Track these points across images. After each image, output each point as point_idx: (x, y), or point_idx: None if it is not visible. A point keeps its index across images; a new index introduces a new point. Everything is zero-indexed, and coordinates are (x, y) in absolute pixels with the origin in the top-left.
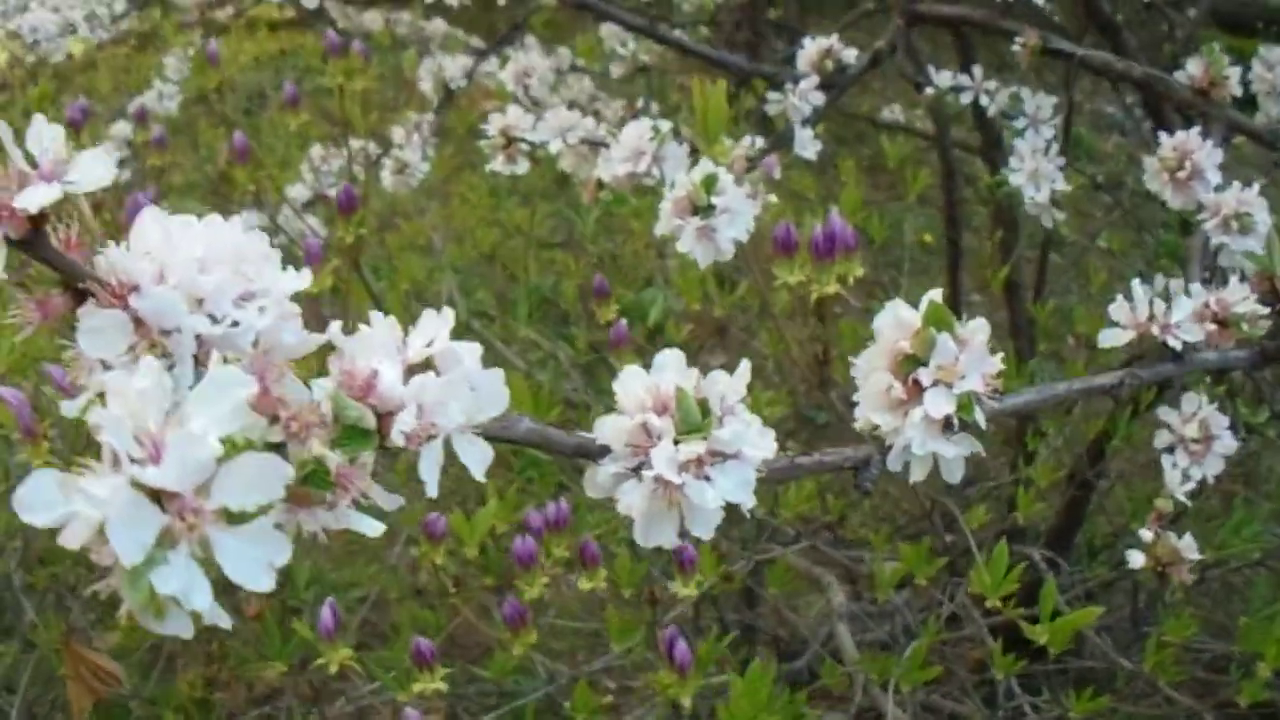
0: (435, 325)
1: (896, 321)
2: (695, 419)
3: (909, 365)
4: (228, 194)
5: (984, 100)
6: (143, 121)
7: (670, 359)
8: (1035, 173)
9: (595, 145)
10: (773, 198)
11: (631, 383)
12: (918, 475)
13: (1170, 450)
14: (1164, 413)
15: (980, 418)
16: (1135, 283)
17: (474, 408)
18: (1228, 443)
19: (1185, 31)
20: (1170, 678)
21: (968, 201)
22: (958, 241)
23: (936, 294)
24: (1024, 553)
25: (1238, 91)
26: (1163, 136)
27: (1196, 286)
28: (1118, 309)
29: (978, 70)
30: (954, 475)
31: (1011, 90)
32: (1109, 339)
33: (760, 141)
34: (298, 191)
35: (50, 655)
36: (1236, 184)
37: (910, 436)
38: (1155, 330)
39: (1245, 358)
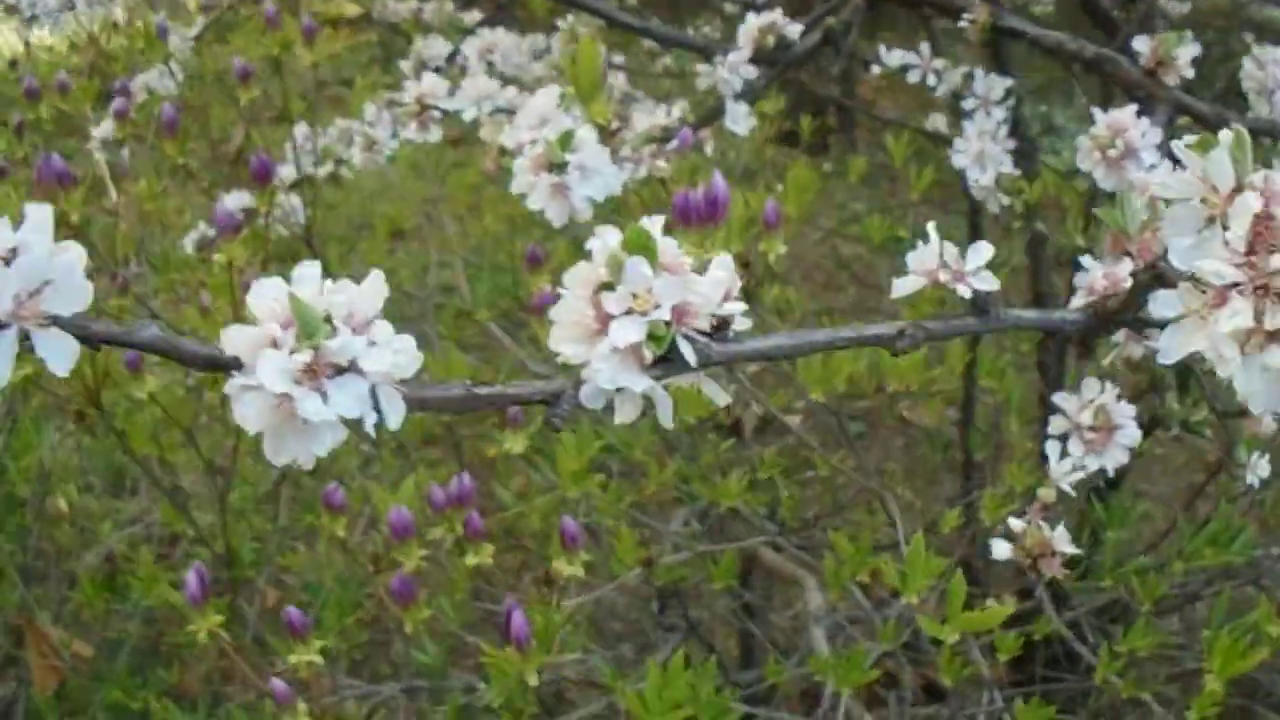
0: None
1: (603, 248)
2: (315, 330)
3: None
4: (236, 176)
5: (931, 80)
6: (126, 95)
7: (307, 271)
8: (981, 154)
9: (513, 115)
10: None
11: (265, 293)
12: (623, 415)
13: (1065, 438)
14: (1060, 398)
15: (688, 353)
16: (931, 225)
17: (52, 300)
18: (1131, 434)
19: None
20: (1130, 691)
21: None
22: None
23: (651, 220)
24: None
25: (1189, 73)
26: (1096, 113)
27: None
28: (916, 255)
29: (925, 47)
30: (666, 419)
31: (964, 70)
32: (901, 287)
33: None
34: (287, 171)
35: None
36: (1167, 163)
37: (598, 369)
38: (945, 278)
39: (1076, 320)
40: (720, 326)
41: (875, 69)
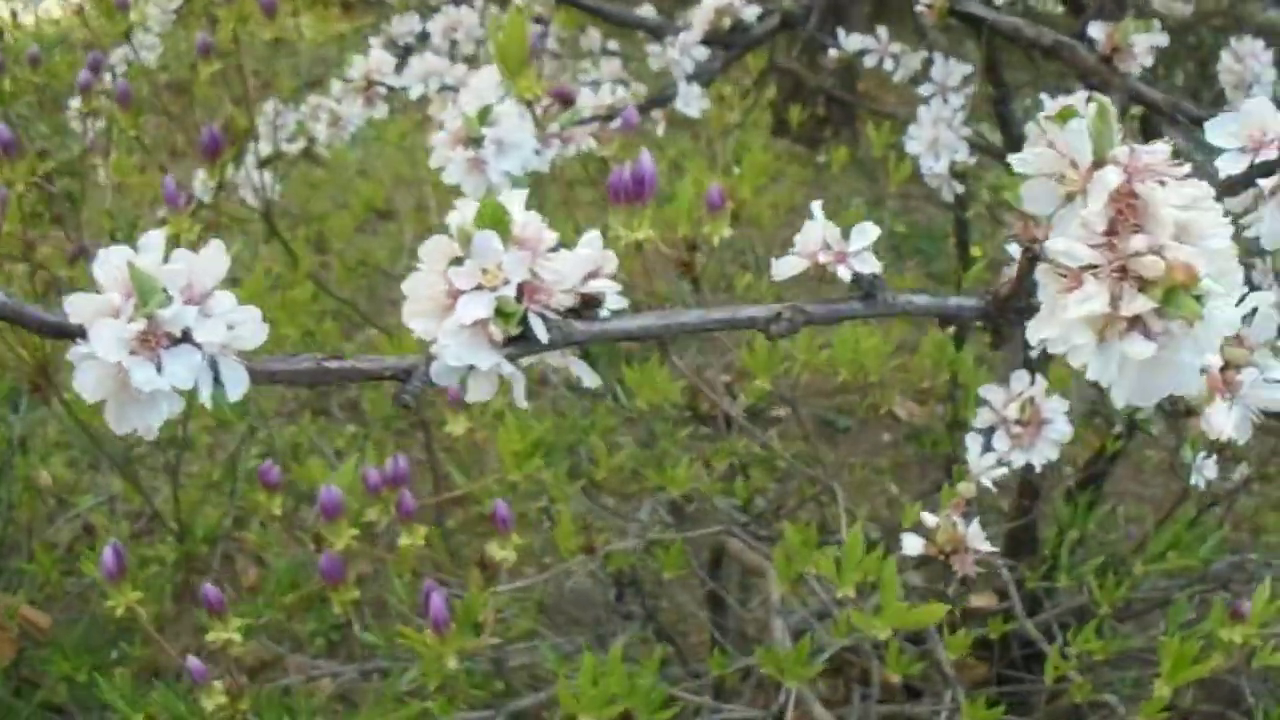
0: None
1: (462, 221)
2: (150, 299)
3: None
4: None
5: (888, 65)
6: (95, 70)
7: (152, 239)
8: (935, 141)
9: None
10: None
11: (110, 262)
12: (475, 394)
13: (990, 431)
14: (987, 390)
15: (540, 331)
16: (816, 205)
17: None
18: (1061, 429)
19: None
20: (1087, 694)
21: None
22: (967, 243)
23: (513, 195)
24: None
25: (1148, 61)
26: (1045, 99)
27: None
28: (801, 235)
29: (883, 31)
30: (519, 398)
31: (922, 55)
32: (781, 268)
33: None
34: (261, 148)
35: None
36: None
37: (445, 345)
38: (825, 259)
39: (972, 307)
40: (590, 305)
41: (832, 52)
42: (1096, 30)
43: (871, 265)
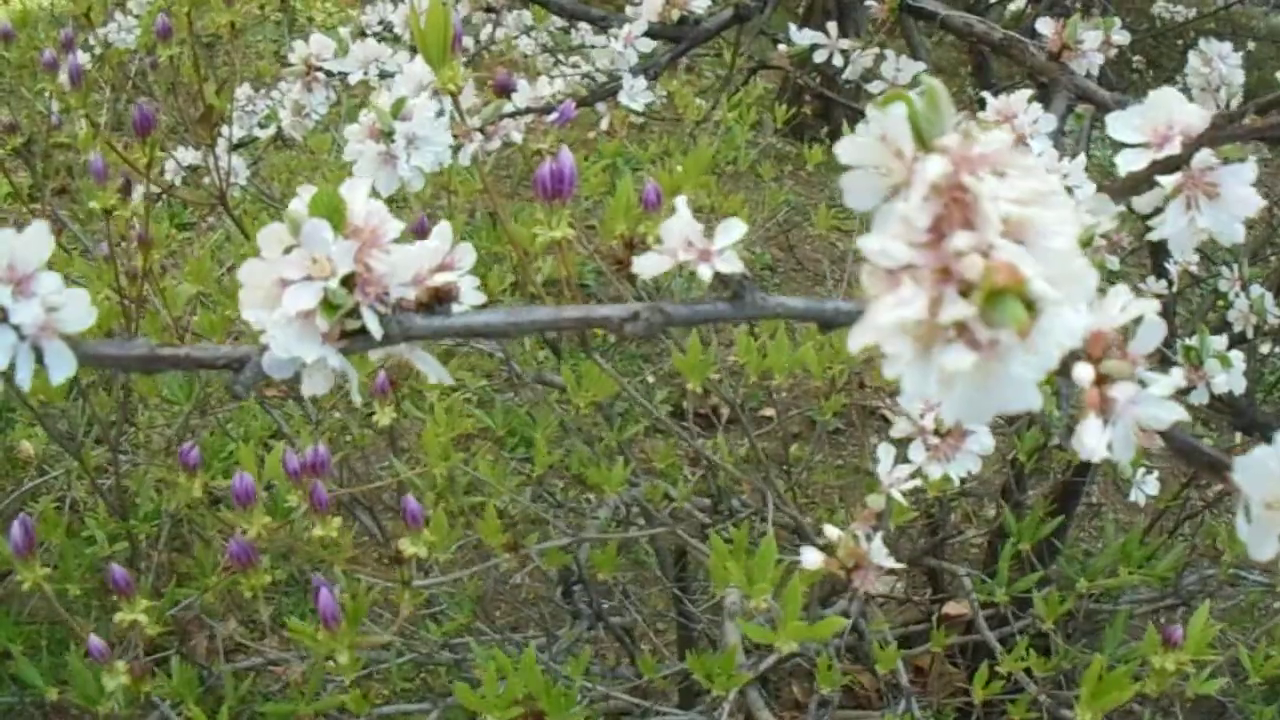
0: None
1: (297, 209)
2: None
3: None
4: (207, 135)
5: (838, 60)
6: (68, 48)
7: None
8: None
9: None
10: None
11: None
12: (309, 387)
13: (905, 443)
14: (905, 399)
15: (372, 324)
16: (681, 200)
17: None
18: (984, 441)
19: None
20: (1021, 713)
21: None
22: None
23: (355, 184)
24: (949, 569)
25: (1098, 59)
26: (988, 97)
27: None
28: (665, 230)
29: (832, 26)
30: (353, 394)
31: (875, 52)
32: (643, 266)
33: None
34: (232, 132)
35: None
36: (1054, 152)
37: (273, 336)
38: (686, 257)
39: (849, 311)
40: (443, 299)
41: (782, 48)
42: (1044, 26)
43: (735, 265)
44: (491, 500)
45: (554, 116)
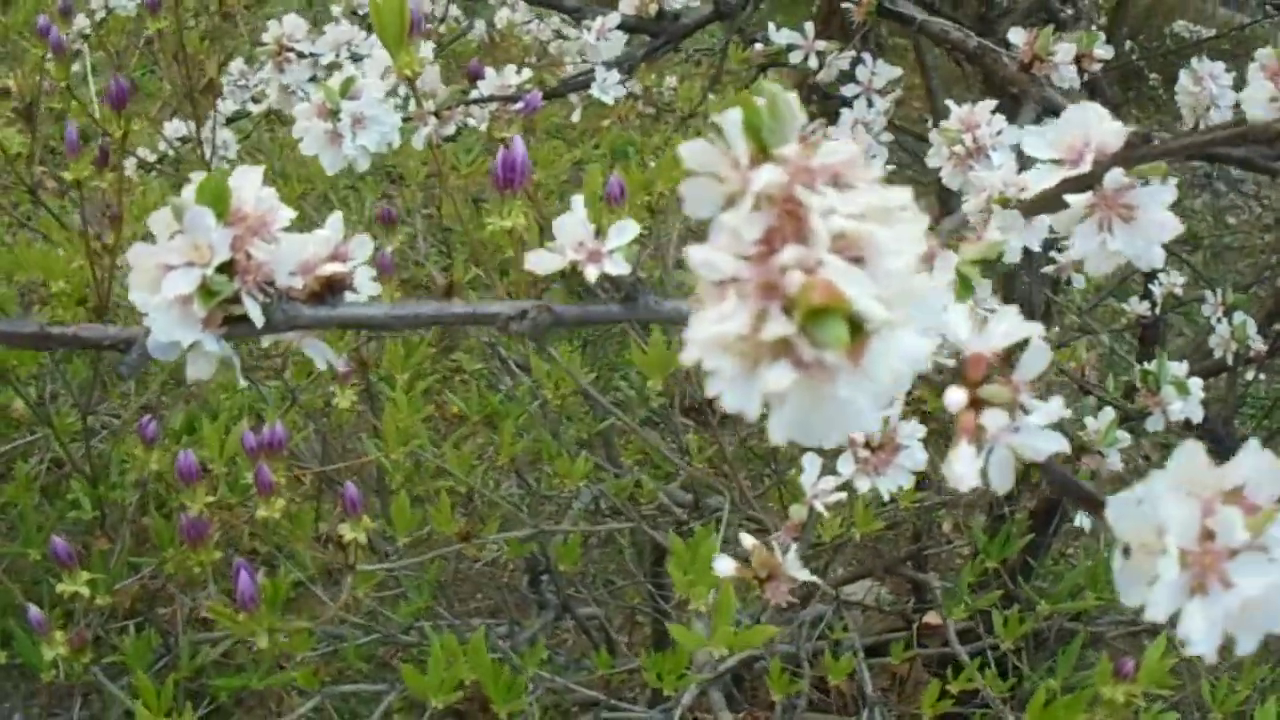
0: None
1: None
2: None
3: None
4: (208, 106)
5: (813, 62)
6: (66, 14)
7: None
8: None
9: None
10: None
11: None
12: (193, 371)
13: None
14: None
15: (253, 312)
16: (577, 199)
17: None
18: (916, 456)
19: None
20: None
21: None
22: None
23: (247, 172)
24: (918, 579)
25: (1069, 72)
26: (951, 106)
27: None
28: (558, 229)
29: (809, 27)
30: (237, 377)
31: (851, 54)
32: (537, 263)
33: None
34: (225, 106)
35: None
36: (1011, 162)
37: (154, 319)
38: (576, 256)
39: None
40: (335, 289)
41: (757, 46)
42: (1016, 36)
43: (623, 267)
44: (443, 485)
45: (519, 106)
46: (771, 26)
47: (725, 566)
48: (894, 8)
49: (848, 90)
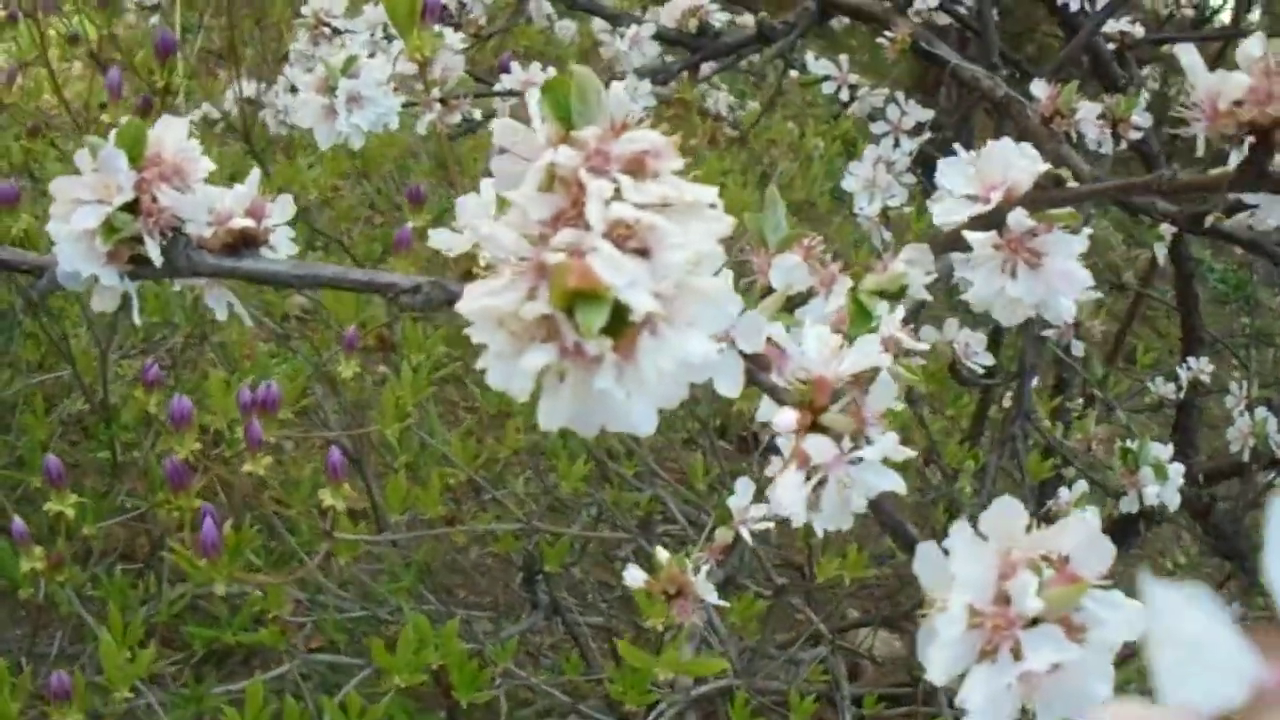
0: None
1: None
2: None
3: None
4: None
5: (844, 95)
6: None
7: None
8: (872, 182)
9: None
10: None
11: None
12: (98, 304)
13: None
14: (780, 440)
15: (153, 252)
16: (487, 181)
17: None
18: (858, 503)
19: None
20: None
21: None
22: None
23: (172, 122)
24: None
25: (1091, 130)
26: (959, 149)
27: None
28: (460, 209)
29: (843, 59)
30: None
31: (883, 92)
32: (439, 241)
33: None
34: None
35: None
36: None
37: (60, 249)
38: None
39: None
40: (249, 243)
41: (793, 74)
42: (1039, 89)
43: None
44: (444, 471)
45: None
46: (810, 55)
47: (634, 577)
48: (930, 49)
49: (876, 128)
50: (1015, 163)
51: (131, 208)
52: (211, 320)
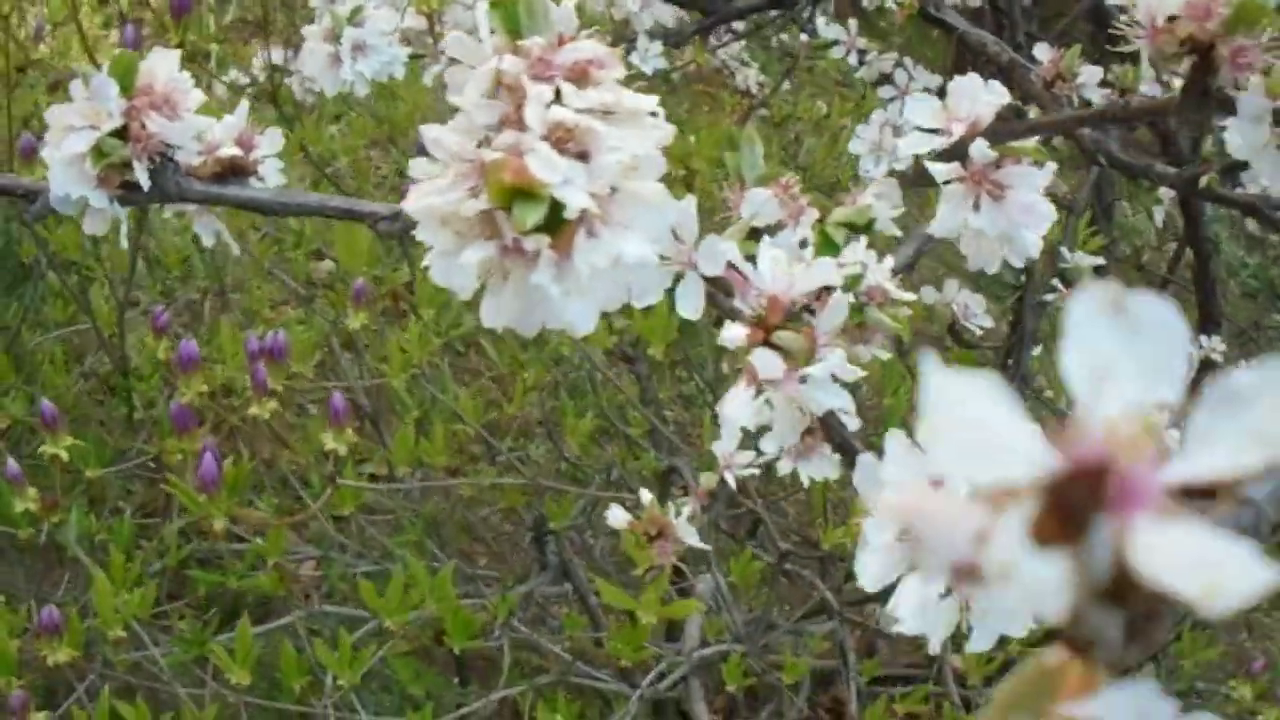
0: None
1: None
2: None
3: None
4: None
5: (852, 59)
6: None
7: None
8: (879, 145)
9: None
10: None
11: None
12: (89, 226)
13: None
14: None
15: (141, 175)
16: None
17: None
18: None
19: None
20: None
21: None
22: None
23: (164, 54)
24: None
25: (1092, 94)
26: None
27: None
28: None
29: (853, 24)
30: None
31: (892, 56)
32: (418, 171)
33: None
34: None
35: None
36: None
37: (53, 173)
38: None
39: None
40: (238, 172)
41: (804, 38)
42: (1042, 52)
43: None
44: (442, 422)
45: None
46: (821, 20)
47: (617, 517)
48: (937, 14)
49: (883, 92)
50: (980, 97)
51: (123, 135)
52: (231, 277)
